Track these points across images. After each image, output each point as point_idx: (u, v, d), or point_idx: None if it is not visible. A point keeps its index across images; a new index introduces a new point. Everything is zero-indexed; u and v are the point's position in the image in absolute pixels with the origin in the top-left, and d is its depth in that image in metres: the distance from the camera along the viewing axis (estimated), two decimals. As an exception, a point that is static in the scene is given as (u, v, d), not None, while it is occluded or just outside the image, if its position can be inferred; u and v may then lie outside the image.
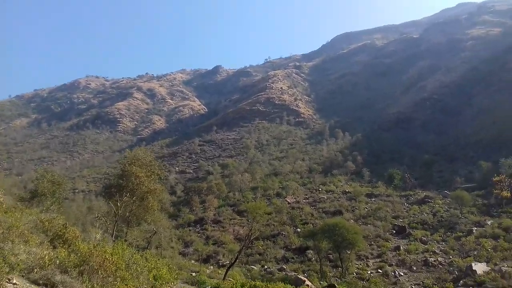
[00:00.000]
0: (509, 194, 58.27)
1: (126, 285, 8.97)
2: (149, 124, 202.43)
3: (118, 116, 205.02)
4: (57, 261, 9.17)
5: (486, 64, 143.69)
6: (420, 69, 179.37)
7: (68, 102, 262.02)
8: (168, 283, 15.29)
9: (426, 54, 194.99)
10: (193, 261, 43.95)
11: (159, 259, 18.11)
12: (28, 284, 8.28)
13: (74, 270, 9.07)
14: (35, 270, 8.72)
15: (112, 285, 8.96)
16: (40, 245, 10.22)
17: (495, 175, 64.02)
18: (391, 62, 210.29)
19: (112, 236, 21.04)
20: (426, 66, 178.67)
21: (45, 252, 9.34)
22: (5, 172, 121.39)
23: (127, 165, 25.06)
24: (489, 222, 52.56)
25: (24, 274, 8.50)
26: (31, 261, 8.94)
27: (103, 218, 20.40)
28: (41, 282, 8.55)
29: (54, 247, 10.66)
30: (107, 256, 9.58)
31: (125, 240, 21.73)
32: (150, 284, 13.21)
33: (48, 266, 8.89)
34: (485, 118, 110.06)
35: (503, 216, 54.75)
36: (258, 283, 15.84)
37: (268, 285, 15.78)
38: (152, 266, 14.29)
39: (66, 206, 63.93)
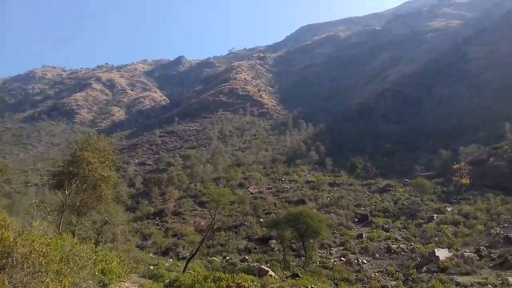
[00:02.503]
0: (468, 182, 59.56)
1: (60, 281, 7.48)
2: (108, 115, 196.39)
3: (75, 107, 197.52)
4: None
5: (446, 56, 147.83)
6: (382, 60, 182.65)
7: (23, 93, 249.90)
8: (119, 277, 13.88)
9: (388, 46, 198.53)
10: (151, 254, 42.14)
11: (110, 251, 16.64)
12: None
13: (-8, 264, 7.52)
14: None
15: (40, 282, 7.42)
16: None
17: (455, 163, 65.50)
18: (354, 54, 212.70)
19: (58, 228, 19.35)
20: (388, 57, 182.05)
21: None
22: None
23: (78, 150, 23.17)
24: (449, 209, 53.50)
25: None
26: None
27: (42, 205, 18.46)
28: None
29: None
30: (35, 246, 8.02)
31: (73, 232, 20.04)
32: (97, 279, 11.76)
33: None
34: (445, 108, 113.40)
35: (462, 203, 55.95)
36: (222, 274, 14.63)
37: (234, 276, 14.59)
38: (100, 259, 12.86)
39: (16, 199, 60.69)
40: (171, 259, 39.63)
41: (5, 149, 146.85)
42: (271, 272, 30.67)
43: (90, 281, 11.15)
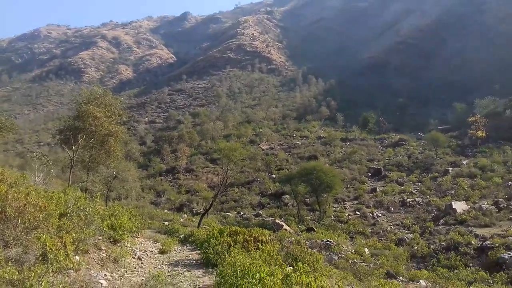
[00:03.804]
0: (484, 134, 58.12)
1: (61, 237, 6.59)
2: (115, 74, 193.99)
3: (82, 66, 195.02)
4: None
5: (460, 7, 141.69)
6: (394, 13, 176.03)
7: (29, 52, 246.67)
8: (131, 232, 13.15)
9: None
10: (166, 210, 42.11)
11: (122, 207, 15.92)
12: None
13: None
14: None
15: (36, 238, 6.52)
16: None
17: (470, 115, 63.79)
18: (365, 6, 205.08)
19: (68, 184, 18.66)
20: (400, 9, 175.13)
21: None
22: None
23: (83, 104, 22.08)
24: (464, 162, 52.31)
25: None
26: None
27: (43, 158, 17.51)
28: None
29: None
30: (30, 200, 7.07)
31: (81, 188, 19.33)
32: (106, 235, 10.97)
33: None
34: (459, 61, 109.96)
35: (478, 156, 54.61)
36: (239, 228, 13.92)
37: (251, 230, 13.88)
38: (109, 213, 12.06)
39: (28, 158, 60.75)
40: (185, 215, 39.51)
41: (15, 109, 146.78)
42: (285, 226, 30.31)
43: (100, 237, 10.40)
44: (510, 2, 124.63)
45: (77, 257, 7.59)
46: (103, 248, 10.08)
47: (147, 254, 12.71)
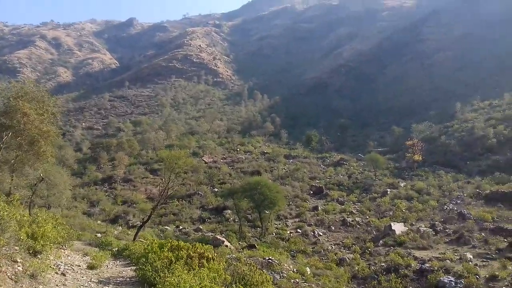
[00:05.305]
0: (420, 158, 60.27)
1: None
2: (53, 76, 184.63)
3: (18, 65, 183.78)
4: None
5: (400, 35, 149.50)
6: (338, 36, 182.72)
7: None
8: (55, 243, 11.45)
9: (345, 22, 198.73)
10: (99, 222, 39.28)
11: (47, 213, 14.08)
12: None
13: None
14: None
15: None
16: None
17: (408, 139, 66.18)
18: (311, 27, 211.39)
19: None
20: (344, 33, 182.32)
21: None
22: None
23: (11, 99, 19.74)
24: (402, 184, 53.83)
25: None
26: None
27: None
28: None
29: None
30: None
31: (5, 191, 17.16)
32: (24, 245, 9.32)
33: None
34: (397, 86, 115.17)
35: (415, 179, 56.51)
36: (182, 243, 12.64)
37: (196, 245, 12.67)
38: (30, 220, 10.37)
39: None
40: (120, 227, 37.08)
41: None
42: (226, 243, 29.15)
43: (16, 247, 8.78)
44: (446, 33, 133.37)
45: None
46: (19, 260, 8.49)
47: (73, 269, 11.08)
